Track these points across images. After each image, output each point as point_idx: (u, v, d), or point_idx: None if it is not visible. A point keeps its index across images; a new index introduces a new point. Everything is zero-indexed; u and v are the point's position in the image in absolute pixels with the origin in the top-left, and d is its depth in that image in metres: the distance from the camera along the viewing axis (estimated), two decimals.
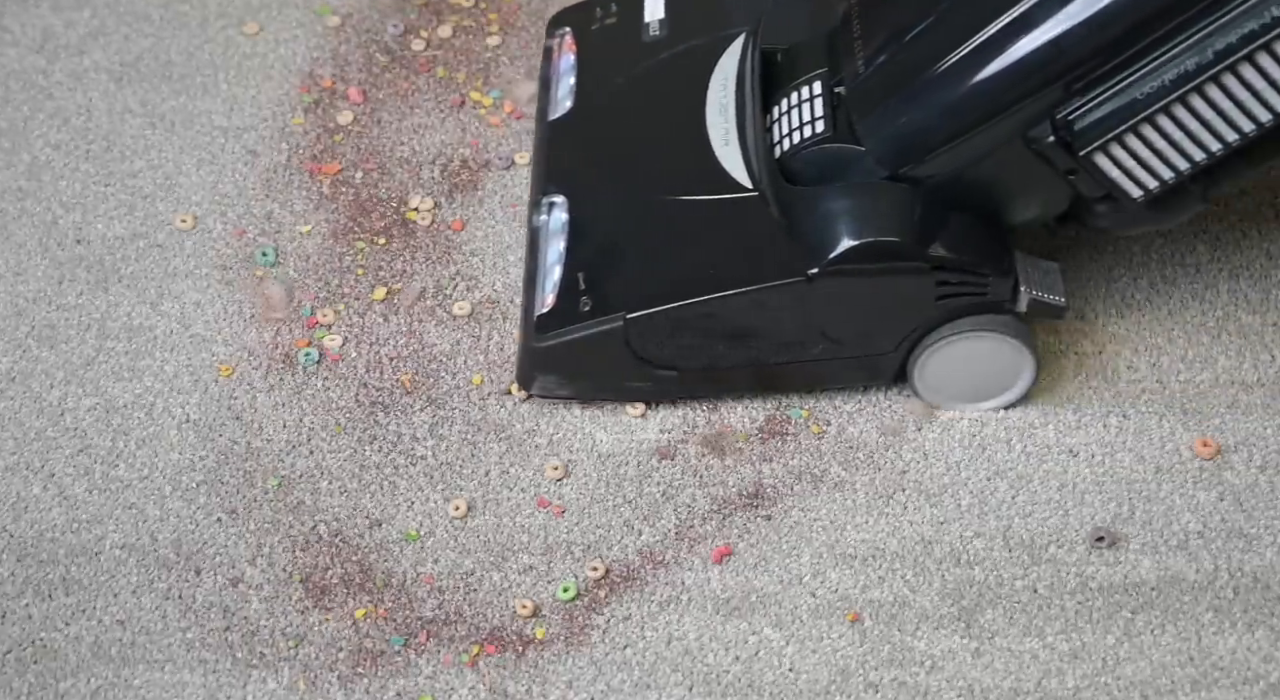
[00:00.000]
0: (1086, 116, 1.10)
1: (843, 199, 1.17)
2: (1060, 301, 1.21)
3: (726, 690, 1.12)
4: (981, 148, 1.13)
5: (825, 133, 1.17)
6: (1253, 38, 1.04)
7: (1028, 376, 1.23)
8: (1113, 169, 1.12)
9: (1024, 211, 1.19)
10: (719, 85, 1.27)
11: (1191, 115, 1.09)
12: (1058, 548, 1.18)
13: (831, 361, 1.22)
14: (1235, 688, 1.11)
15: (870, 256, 1.15)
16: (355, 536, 1.20)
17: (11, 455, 1.25)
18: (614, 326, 1.20)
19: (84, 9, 1.57)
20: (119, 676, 1.14)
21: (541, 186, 1.30)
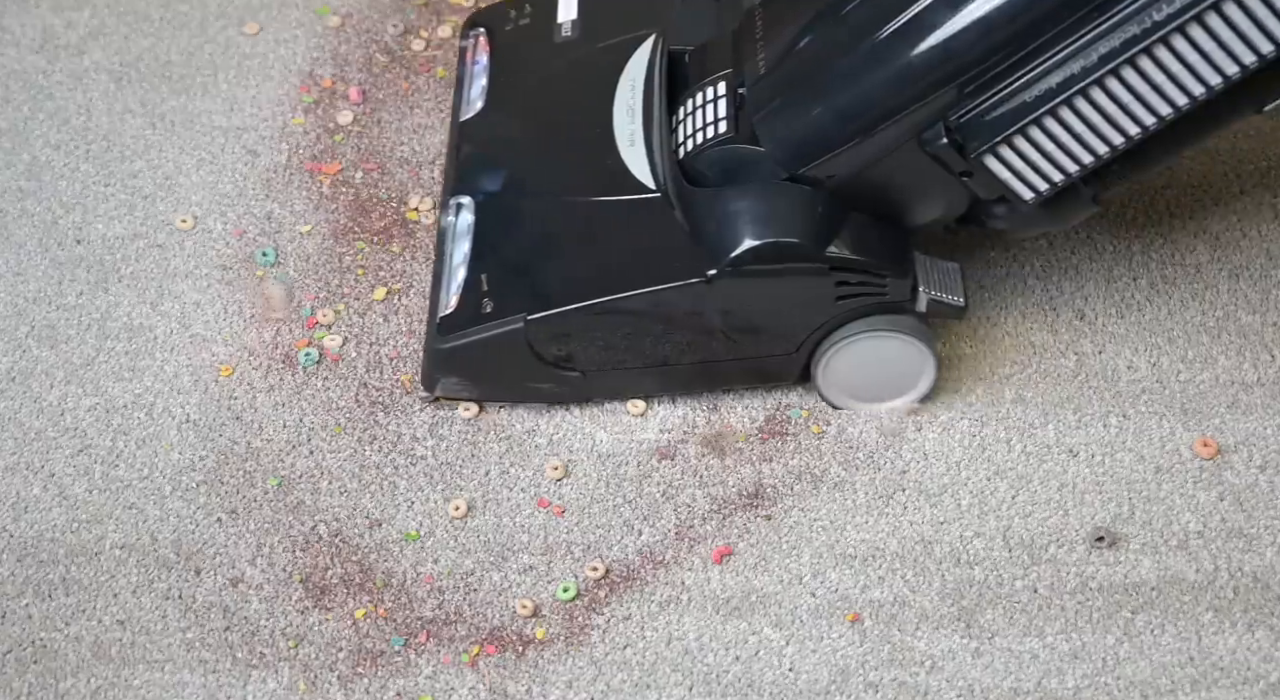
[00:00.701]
0: (977, 119, 1.11)
1: (743, 200, 1.17)
2: (959, 302, 1.21)
3: (726, 690, 1.13)
4: (878, 150, 1.14)
5: (727, 134, 1.18)
6: (1134, 42, 1.05)
7: (929, 376, 1.23)
8: (1003, 171, 1.13)
9: (924, 213, 1.19)
10: (627, 86, 1.27)
11: (1078, 119, 1.09)
12: (1058, 548, 1.18)
13: (736, 362, 1.23)
14: (1235, 688, 1.11)
15: (769, 257, 1.16)
16: (355, 536, 1.20)
17: (11, 455, 1.25)
18: (515, 328, 1.20)
19: (84, 9, 1.57)
20: (119, 676, 1.14)
21: (449, 187, 1.30)
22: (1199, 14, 1.02)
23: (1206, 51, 1.04)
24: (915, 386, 1.24)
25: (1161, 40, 1.04)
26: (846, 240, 1.17)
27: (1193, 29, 1.03)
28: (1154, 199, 1.37)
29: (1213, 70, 1.05)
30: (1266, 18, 1.02)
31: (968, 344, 1.29)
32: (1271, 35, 1.03)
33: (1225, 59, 1.04)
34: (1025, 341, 1.29)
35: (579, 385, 1.24)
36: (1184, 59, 1.05)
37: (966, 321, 1.30)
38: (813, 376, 1.23)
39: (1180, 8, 1.03)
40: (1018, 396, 1.26)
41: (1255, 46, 1.03)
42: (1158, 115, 1.08)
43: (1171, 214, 1.36)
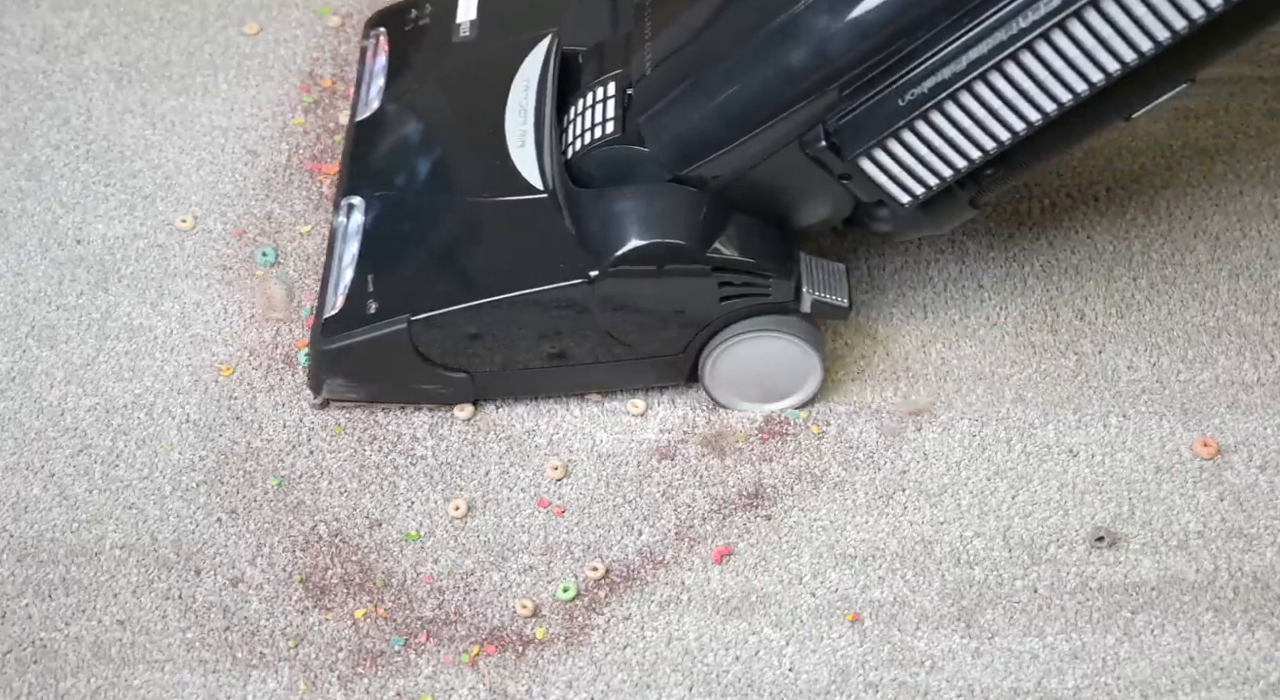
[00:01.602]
0: (854, 122, 1.11)
1: (626, 201, 1.17)
2: (843, 302, 1.22)
3: (726, 690, 1.13)
4: (760, 151, 1.14)
5: (614, 134, 1.18)
6: (1001, 49, 1.06)
7: (816, 377, 1.24)
8: (879, 175, 1.14)
9: (809, 214, 1.20)
10: (521, 87, 1.27)
11: (950, 123, 1.10)
12: (1058, 548, 1.18)
13: (623, 363, 1.23)
14: (1235, 688, 1.11)
15: (651, 258, 1.16)
16: (355, 536, 1.20)
17: (11, 455, 1.25)
18: (398, 329, 1.20)
19: (84, 9, 1.57)
20: (119, 676, 1.14)
21: (341, 188, 1.30)
22: (1063, 21, 1.04)
23: (1071, 58, 1.05)
24: (803, 387, 1.24)
25: (1027, 47, 1.05)
26: (730, 241, 1.17)
27: (1057, 36, 1.04)
28: (1154, 199, 1.37)
29: (1078, 77, 1.06)
30: (1129, 27, 1.03)
31: (968, 344, 1.29)
32: (1134, 44, 1.04)
33: (1090, 66, 1.06)
34: (1025, 341, 1.29)
35: (466, 386, 1.24)
36: (1049, 65, 1.06)
37: (966, 322, 1.30)
38: (700, 377, 1.23)
39: (1045, 14, 1.04)
40: (1018, 396, 1.26)
41: (1119, 54, 1.05)
42: (1027, 121, 1.09)
43: (1171, 214, 1.36)
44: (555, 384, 1.25)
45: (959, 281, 1.33)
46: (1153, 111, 1.12)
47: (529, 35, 1.31)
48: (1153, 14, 1.02)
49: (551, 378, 1.24)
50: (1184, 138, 1.41)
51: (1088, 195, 1.38)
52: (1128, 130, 1.42)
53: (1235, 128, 1.42)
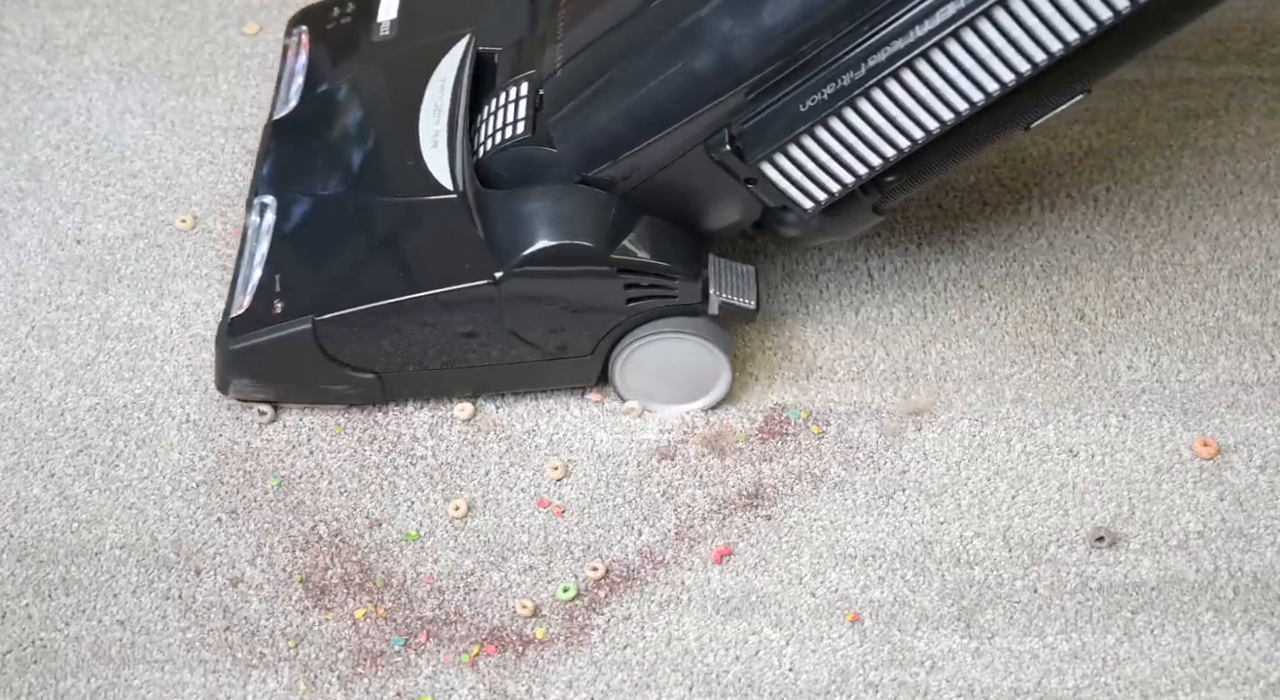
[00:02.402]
0: (757, 127, 1.11)
1: (533, 202, 1.17)
2: (750, 305, 1.22)
3: (726, 690, 1.13)
4: (666, 154, 1.14)
5: (524, 135, 1.18)
6: (898, 57, 1.06)
7: (725, 379, 1.24)
8: (781, 180, 1.14)
9: (718, 218, 1.20)
10: (436, 87, 1.27)
11: (849, 130, 1.11)
12: (1058, 548, 1.18)
13: (532, 364, 1.23)
14: (1235, 688, 1.11)
15: (556, 259, 1.16)
16: (355, 536, 1.20)
17: (11, 455, 1.25)
18: (303, 329, 1.20)
19: (84, 9, 1.57)
20: (119, 676, 1.14)
21: (255, 187, 1.30)
22: (958, 31, 1.04)
23: (967, 68, 1.06)
24: (713, 388, 1.24)
25: (923, 56, 1.06)
26: (637, 243, 1.17)
27: (952, 46, 1.05)
28: (1154, 199, 1.37)
29: (974, 86, 1.07)
30: (1022, 38, 1.04)
31: (968, 344, 1.29)
32: (1028, 55, 1.05)
33: (985, 76, 1.06)
34: (1025, 341, 1.29)
35: (374, 387, 1.24)
36: (946, 75, 1.07)
37: (966, 322, 1.30)
38: (610, 378, 1.24)
39: (941, 24, 1.04)
40: (1018, 396, 1.26)
41: (1013, 65, 1.06)
42: (925, 129, 1.10)
43: (1171, 214, 1.36)
44: (465, 385, 1.25)
45: (959, 281, 1.33)
46: (1052, 121, 1.13)
47: (448, 35, 1.30)
48: (1045, 26, 1.04)
49: (461, 378, 1.24)
50: (1184, 138, 1.41)
51: (1088, 195, 1.38)
52: (1128, 130, 1.42)
53: (1235, 128, 1.42)
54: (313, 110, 1.33)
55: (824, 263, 1.34)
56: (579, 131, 1.16)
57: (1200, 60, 1.47)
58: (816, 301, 1.32)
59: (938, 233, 1.36)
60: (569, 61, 1.18)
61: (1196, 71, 1.46)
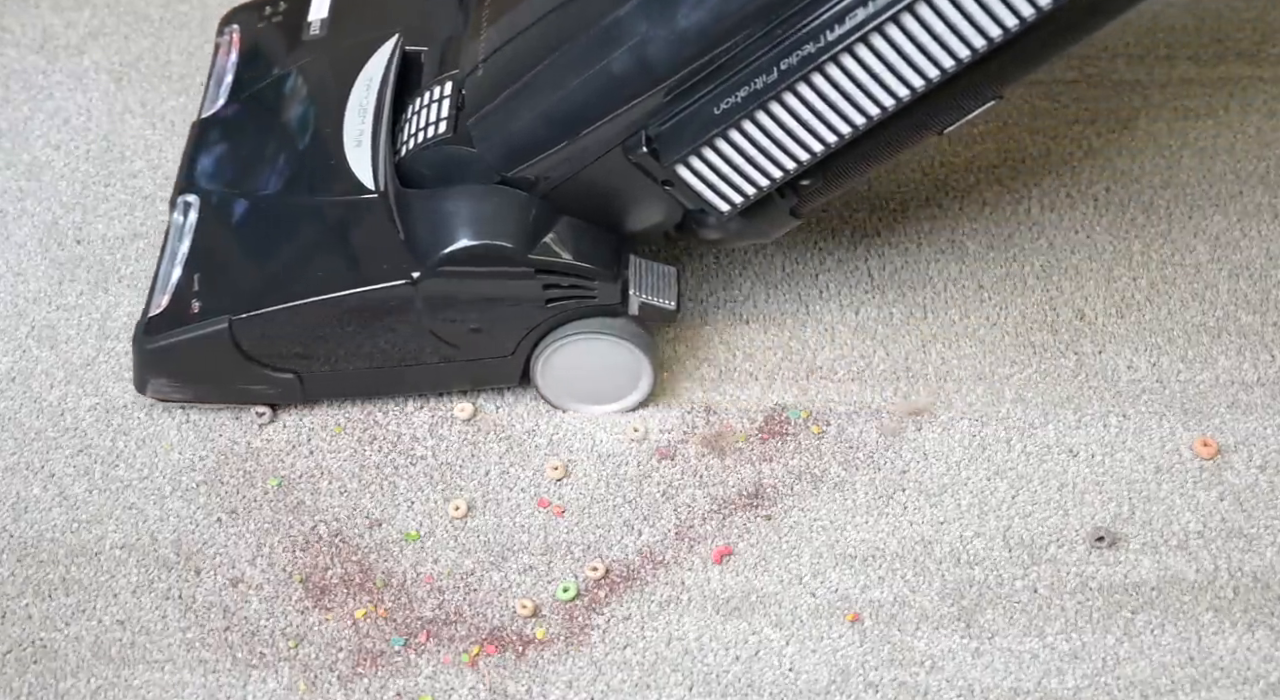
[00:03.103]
0: (673, 129, 1.12)
1: (452, 202, 1.17)
2: (670, 305, 1.22)
3: (726, 690, 1.13)
4: (584, 155, 1.14)
5: (445, 134, 1.18)
6: (810, 60, 1.07)
7: (647, 379, 1.24)
8: (697, 182, 1.14)
9: (638, 219, 1.20)
10: (363, 86, 1.27)
11: (763, 133, 1.11)
12: (1058, 548, 1.18)
13: (454, 364, 1.23)
14: (1235, 688, 1.11)
15: (474, 259, 1.16)
16: (355, 536, 1.20)
17: (11, 455, 1.25)
18: (219, 328, 1.20)
19: (84, 9, 1.57)
20: (119, 676, 1.14)
21: (178, 186, 1.30)
22: (866, 36, 1.05)
23: (877, 73, 1.07)
24: (636, 388, 1.24)
25: (834, 60, 1.07)
26: (556, 243, 1.17)
27: (862, 51, 1.06)
28: (1154, 199, 1.37)
29: (884, 91, 1.08)
30: (930, 44, 1.05)
31: (968, 344, 1.29)
32: (937, 61, 1.06)
33: (895, 81, 1.07)
34: (1025, 341, 1.29)
35: (294, 387, 1.24)
36: (856, 79, 1.07)
37: (966, 322, 1.30)
38: (532, 378, 1.24)
39: (850, 29, 1.05)
40: (1018, 396, 1.26)
41: (922, 70, 1.07)
42: (837, 133, 1.10)
43: (1171, 214, 1.36)
44: (387, 385, 1.25)
45: (959, 281, 1.33)
46: (966, 125, 1.14)
47: (377, 34, 1.30)
48: (953, 33, 1.04)
49: (383, 379, 1.24)
50: (1184, 138, 1.41)
51: (1088, 195, 1.38)
52: (1128, 130, 1.42)
53: (1235, 128, 1.42)
54: (239, 109, 1.33)
55: (824, 263, 1.34)
56: (498, 131, 1.16)
57: (1200, 60, 1.47)
58: (816, 301, 1.32)
59: (938, 233, 1.36)
60: (489, 60, 1.18)
61: (1196, 71, 1.46)
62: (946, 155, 1.41)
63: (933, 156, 1.41)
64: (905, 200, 1.38)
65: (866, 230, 1.36)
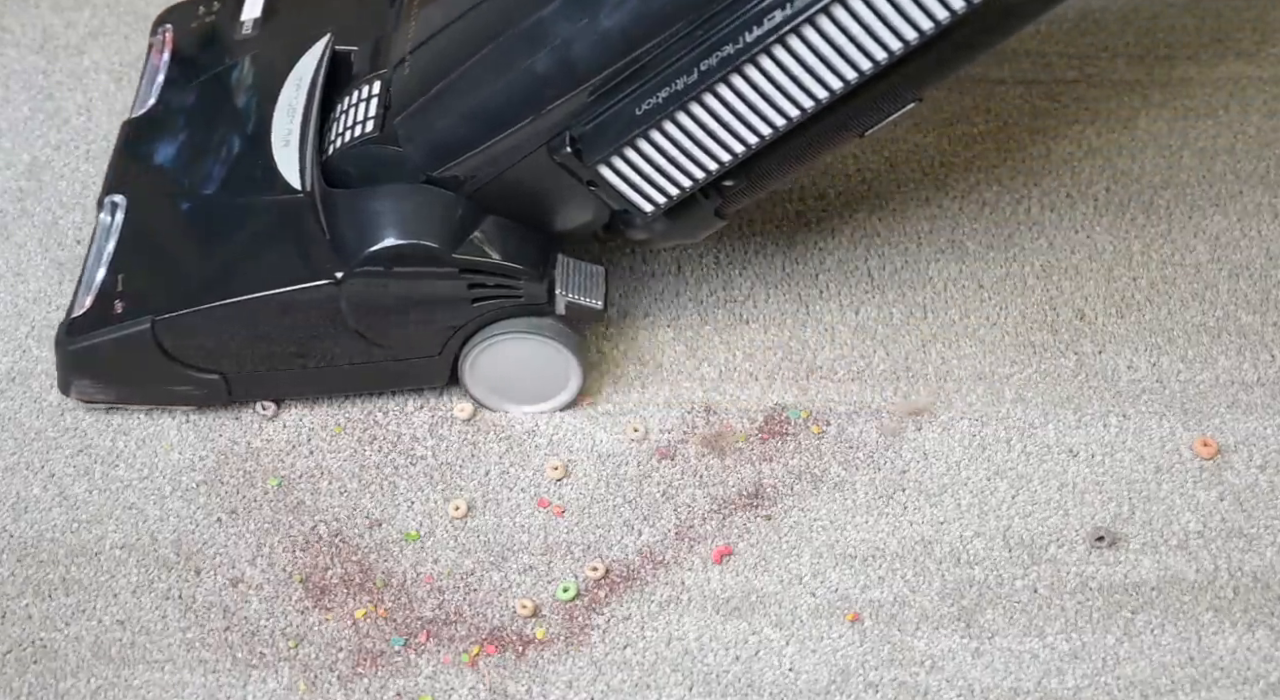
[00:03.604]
0: (596, 130, 1.12)
1: (377, 201, 1.17)
2: (597, 305, 1.22)
3: (726, 690, 1.12)
4: (509, 155, 1.14)
5: (372, 133, 1.18)
6: (730, 62, 1.07)
7: (575, 379, 1.24)
8: (619, 182, 1.15)
9: (566, 219, 1.20)
10: (293, 86, 1.26)
11: (684, 134, 1.11)
12: (1058, 548, 1.18)
13: (380, 364, 1.22)
14: (1235, 688, 1.11)
15: (399, 259, 1.16)
16: (355, 536, 1.20)
17: (11, 455, 1.25)
18: (141, 329, 1.19)
19: (84, 9, 1.57)
20: (119, 676, 1.14)
21: (105, 186, 1.30)
22: (783, 38, 1.05)
23: (795, 75, 1.07)
24: (564, 388, 1.24)
25: (752, 62, 1.07)
26: (481, 243, 1.17)
27: (779, 52, 1.06)
28: (1154, 199, 1.37)
29: (803, 93, 1.08)
30: (846, 46, 1.06)
31: (968, 344, 1.29)
32: (854, 63, 1.06)
33: (814, 83, 1.08)
34: (1025, 341, 1.29)
35: (219, 388, 1.24)
36: (775, 81, 1.08)
37: (967, 321, 1.30)
38: (460, 378, 1.24)
39: (768, 30, 1.05)
40: (1018, 396, 1.26)
41: (840, 72, 1.07)
42: (758, 134, 1.11)
43: (1171, 214, 1.36)
44: (314, 386, 1.25)
45: (959, 281, 1.33)
46: (887, 127, 1.14)
47: (309, 33, 1.30)
48: (869, 35, 1.05)
49: (309, 379, 1.24)
50: (1184, 138, 1.41)
51: (1088, 195, 1.38)
52: (1128, 130, 1.42)
53: (1235, 128, 1.42)
54: (169, 109, 1.32)
55: (824, 263, 1.34)
56: (423, 131, 1.16)
57: (1200, 60, 1.47)
58: (816, 301, 1.32)
59: (938, 233, 1.36)
60: (416, 59, 1.18)
61: (1196, 71, 1.46)
62: (946, 155, 1.41)
63: (933, 156, 1.41)
64: (905, 200, 1.38)
65: (866, 230, 1.36)
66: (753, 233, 1.36)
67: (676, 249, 1.35)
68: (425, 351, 1.22)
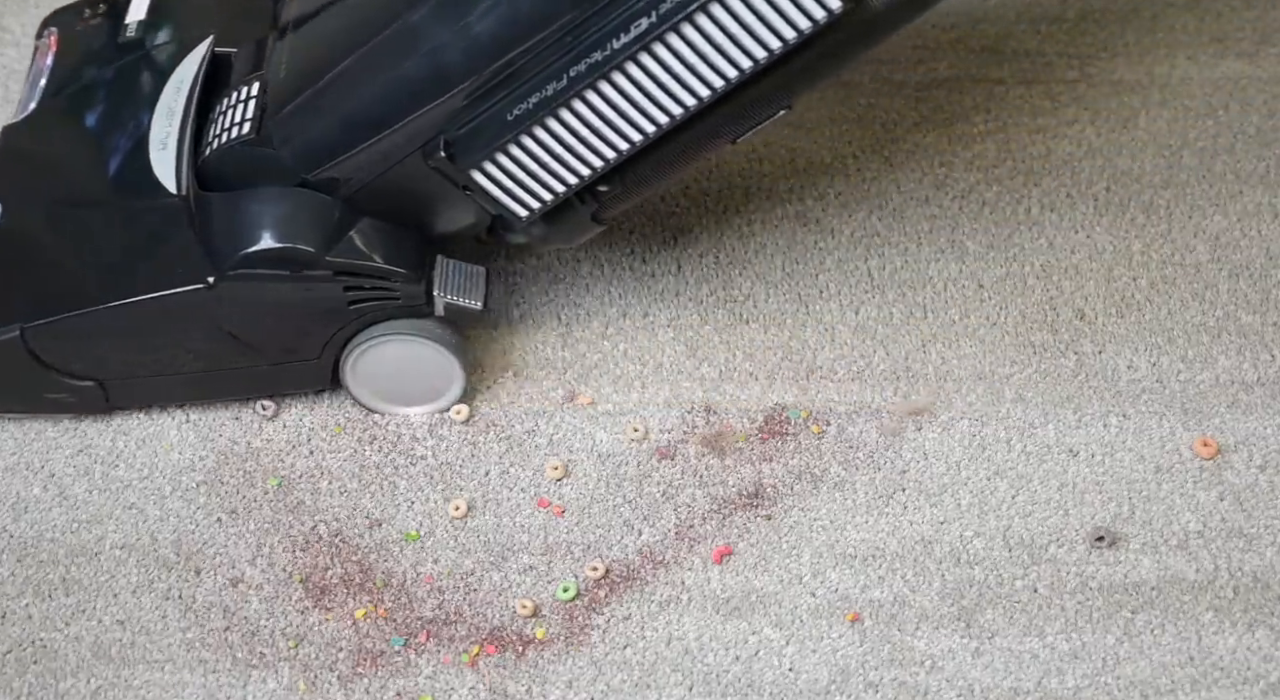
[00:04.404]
0: (469, 135, 1.12)
1: (250, 204, 1.16)
2: (476, 305, 1.21)
3: (726, 690, 1.12)
4: (384, 158, 1.14)
5: (248, 135, 1.17)
6: (598, 68, 1.07)
7: (458, 380, 1.24)
8: (493, 187, 1.14)
9: (446, 222, 1.19)
10: (173, 89, 1.26)
11: (555, 139, 1.11)
12: (1058, 548, 1.18)
13: (259, 369, 1.22)
14: (1235, 688, 1.11)
15: (270, 262, 1.15)
16: (355, 536, 1.20)
17: (11, 455, 1.25)
18: (11, 336, 1.18)
19: None
20: (119, 676, 1.14)
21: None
22: (649, 45, 1.06)
23: (663, 82, 1.08)
24: (447, 390, 1.24)
25: (619, 69, 1.07)
26: (356, 245, 1.16)
27: (646, 60, 1.07)
28: (1154, 199, 1.37)
29: (671, 100, 1.08)
30: (712, 54, 1.06)
31: (968, 344, 1.29)
32: (721, 71, 1.07)
33: (681, 90, 1.08)
34: (1025, 341, 1.29)
35: (96, 395, 1.23)
36: (643, 88, 1.08)
37: (967, 321, 1.30)
38: (342, 381, 1.23)
39: (635, 37, 1.05)
40: (1018, 396, 1.26)
41: (707, 80, 1.07)
42: (629, 140, 1.11)
43: (1171, 214, 1.36)
44: (194, 391, 1.24)
45: (959, 281, 1.33)
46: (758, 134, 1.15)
47: (192, 36, 1.29)
48: (734, 44, 1.05)
49: (190, 385, 1.23)
50: (1184, 138, 1.41)
51: (1087, 195, 1.38)
52: (1128, 130, 1.42)
53: (1235, 128, 1.42)
54: (49, 114, 1.31)
55: (824, 262, 1.34)
56: (299, 133, 1.15)
57: (1200, 60, 1.47)
58: (816, 301, 1.32)
59: (938, 233, 1.36)
60: (292, 60, 1.17)
61: (1196, 71, 1.46)
62: (946, 155, 1.41)
63: (933, 156, 1.41)
64: (905, 200, 1.38)
65: (866, 230, 1.36)
66: (753, 233, 1.36)
67: (677, 249, 1.35)
68: (304, 355, 1.21)
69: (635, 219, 1.37)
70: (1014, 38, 1.49)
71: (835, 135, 1.42)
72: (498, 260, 1.35)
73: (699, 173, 1.40)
